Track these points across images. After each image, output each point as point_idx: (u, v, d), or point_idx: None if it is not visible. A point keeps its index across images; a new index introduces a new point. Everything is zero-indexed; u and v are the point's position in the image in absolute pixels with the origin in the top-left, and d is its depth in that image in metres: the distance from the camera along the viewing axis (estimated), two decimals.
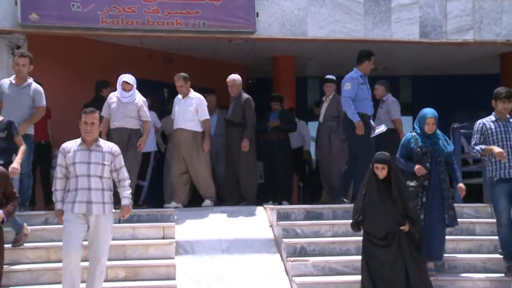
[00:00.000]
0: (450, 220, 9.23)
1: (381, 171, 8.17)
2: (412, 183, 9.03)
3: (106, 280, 8.86)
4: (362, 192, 8.40)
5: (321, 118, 12.84)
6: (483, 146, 9.30)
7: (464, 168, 12.42)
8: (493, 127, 9.38)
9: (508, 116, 9.51)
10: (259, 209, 11.58)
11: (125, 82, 10.97)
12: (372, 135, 11.81)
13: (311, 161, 16.29)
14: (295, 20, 13.52)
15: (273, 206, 11.45)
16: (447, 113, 17.56)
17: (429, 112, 9.28)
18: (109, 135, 10.94)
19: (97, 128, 7.82)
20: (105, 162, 7.80)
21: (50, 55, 12.34)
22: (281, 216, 10.65)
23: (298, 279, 8.99)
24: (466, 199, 11.69)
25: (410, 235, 8.23)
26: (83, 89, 11.80)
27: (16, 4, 12.42)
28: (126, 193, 8.04)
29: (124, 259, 9.51)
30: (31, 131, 10.47)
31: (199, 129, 11.80)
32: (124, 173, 8.03)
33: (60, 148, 7.86)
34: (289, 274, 9.37)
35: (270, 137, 13.14)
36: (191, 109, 11.71)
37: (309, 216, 10.86)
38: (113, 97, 11.19)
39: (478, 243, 10.30)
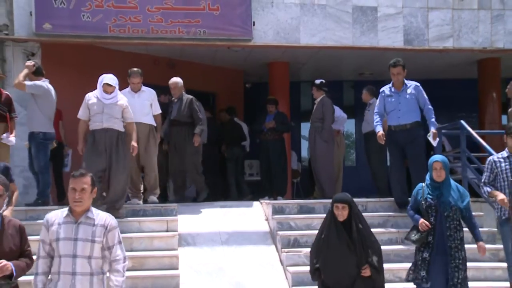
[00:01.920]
0: (454, 283, 7.60)
1: (342, 212, 6.80)
2: (413, 237, 7.73)
3: None
4: (320, 236, 7.02)
5: (310, 120, 12.83)
6: (489, 189, 8.54)
7: None
8: (503, 164, 8.47)
9: None
10: (256, 204, 11.59)
11: (106, 84, 9.83)
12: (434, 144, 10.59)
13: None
14: (289, 28, 13.54)
15: (268, 201, 11.44)
16: None
17: (436, 157, 7.85)
18: (93, 136, 9.90)
19: (89, 196, 5.73)
20: (96, 239, 5.69)
21: (62, 61, 12.33)
22: (276, 210, 10.64)
23: (292, 269, 9.00)
24: None
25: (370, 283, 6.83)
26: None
27: (31, 14, 12.48)
28: (118, 282, 5.76)
29: (131, 251, 9.47)
30: (44, 128, 10.57)
31: (154, 123, 11.26)
32: (120, 252, 5.84)
33: (44, 220, 5.80)
34: (284, 264, 9.37)
35: (266, 137, 13.15)
36: (147, 103, 11.15)
37: (302, 210, 10.85)
38: (92, 97, 10.03)
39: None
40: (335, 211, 6.87)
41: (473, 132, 11.57)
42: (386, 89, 10.58)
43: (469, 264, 9.47)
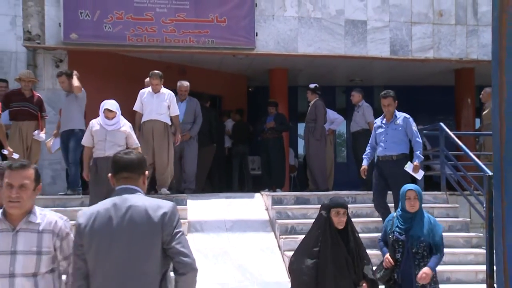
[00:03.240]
0: None
1: (342, 218, 5.43)
2: (378, 274, 6.25)
3: None
4: (311, 247, 5.48)
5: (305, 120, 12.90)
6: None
7: (425, 162, 12.49)
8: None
9: None
10: (257, 195, 11.65)
11: (107, 110, 8.90)
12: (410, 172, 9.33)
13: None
14: (288, 39, 13.56)
15: (268, 193, 11.50)
16: (413, 117, 17.66)
17: (410, 185, 6.55)
18: (96, 165, 8.91)
19: (30, 194, 3.93)
20: (44, 249, 3.88)
21: (87, 67, 12.36)
22: (275, 201, 10.72)
23: (289, 253, 8.94)
24: (427, 189, 11.86)
25: None
26: (113, 94, 11.84)
27: (60, 26, 12.57)
28: None
29: None
30: (83, 126, 10.69)
31: (169, 122, 10.70)
32: None
33: None
34: (282, 249, 9.45)
35: (267, 136, 13.18)
36: (165, 104, 10.58)
37: (298, 201, 10.93)
38: (95, 124, 9.06)
39: None
40: (334, 217, 5.43)
41: (450, 133, 11.60)
42: (378, 120, 9.60)
43: (445, 250, 9.61)
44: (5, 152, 9.85)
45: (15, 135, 10.54)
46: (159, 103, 10.57)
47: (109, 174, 4.01)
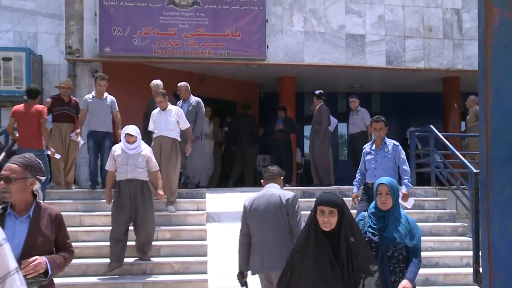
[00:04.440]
0: None
1: (328, 218, 3.97)
2: None
3: (156, 240, 9.01)
4: (293, 253, 4.20)
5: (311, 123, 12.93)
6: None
7: (417, 160, 12.47)
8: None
9: None
10: None
11: (128, 135, 8.33)
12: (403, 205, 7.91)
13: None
14: (295, 50, 13.55)
15: None
16: (406, 120, 17.64)
17: (383, 179, 5.09)
18: (119, 187, 8.30)
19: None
20: None
21: (118, 76, 12.41)
22: None
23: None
24: (419, 184, 11.84)
25: None
26: (141, 100, 11.86)
27: (96, 41, 12.68)
28: None
29: (169, 225, 9.59)
30: (111, 129, 10.76)
31: (178, 138, 10.02)
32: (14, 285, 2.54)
33: None
34: None
35: (277, 137, 13.23)
36: (173, 120, 9.90)
37: (304, 195, 10.90)
38: (117, 149, 8.48)
39: (426, 215, 10.39)
40: (318, 217, 4.02)
41: (439, 134, 11.60)
42: (367, 146, 8.48)
43: (434, 237, 9.62)
44: (49, 152, 9.90)
45: (56, 136, 10.64)
46: (167, 119, 9.94)
47: (262, 181, 6.25)
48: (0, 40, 12.94)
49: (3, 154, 9.92)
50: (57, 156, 10.22)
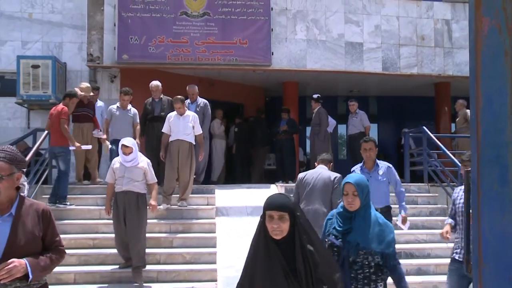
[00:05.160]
0: None
1: (279, 225, 3.14)
2: None
3: (169, 232, 9.04)
4: (246, 264, 3.29)
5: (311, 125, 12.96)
6: (448, 221, 5.79)
7: (411, 159, 12.47)
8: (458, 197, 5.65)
9: None
10: (273, 186, 11.66)
11: (124, 146, 7.74)
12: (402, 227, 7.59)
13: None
14: (298, 57, 13.55)
15: (282, 184, 11.53)
16: (401, 122, 17.60)
17: (350, 177, 4.22)
18: (116, 199, 7.86)
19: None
20: None
21: (135, 81, 12.42)
22: (288, 191, 10.60)
23: None
24: (412, 181, 11.83)
25: None
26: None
27: (115, 49, 12.76)
28: None
29: (181, 219, 9.61)
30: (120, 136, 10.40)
31: (194, 142, 9.84)
32: None
33: None
34: None
35: (281, 137, 13.19)
36: (190, 125, 9.70)
37: None
38: (116, 162, 7.97)
39: (419, 210, 10.38)
40: (267, 224, 3.18)
41: (431, 135, 11.61)
42: (357, 169, 7.30)
43: (426, 230, 9.59)
44: (73, 148, 9.90)
45: (78, 135, 10.69)
46: (185, 124, 9.73)
47: (315, 163, 7.43)
48: (30, 49, 13.19)
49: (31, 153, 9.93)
50: (87, 147, 10.32)
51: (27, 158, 9.61)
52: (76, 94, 10.19)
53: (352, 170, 7.37)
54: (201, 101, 11.30)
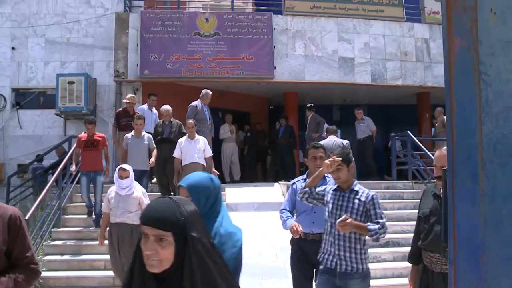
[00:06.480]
0: None
1: (155, 250, 1.61)
2: None
3: None
4: None
5: (307, 130, 13.00)
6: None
7: (397, 159, 12.47)
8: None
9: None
10: (276, 185, 11.66)
11: (121, 169, 6.80)
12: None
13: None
14: (298, 70, 13.57)
15: (284, 182, 11.51)
16: (389, 127, 17.58)
17: (182, 181, 2.71)
18: (110, 232, 6.71)
19: None
20: None
21: (155, 92, 12.46)
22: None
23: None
24: (399, 178, 11.83)
25: None
26: (174, 114, 11.96)
27: (137, 66, 12.87)
28: None
29: None
30: (147, 167, 9.43)
31: (205, 163, 9.28)
32: None
33: None
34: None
35: (280, 141, 13.24)
36: (201, 148, 9.23)
37: None
38: (111, 192, 6.86)
39: (404, 204, 10.35)
40: (142, 246, 1.70)
41: (415, 138, 11.62)
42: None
43: (411, 222, 9.53)
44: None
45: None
46: (197, 148, 9.24)
47: (325, 133, 7.35)
48: (67, 68, 13.66)
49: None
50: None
51: (63, 162, 9.68)
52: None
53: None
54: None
